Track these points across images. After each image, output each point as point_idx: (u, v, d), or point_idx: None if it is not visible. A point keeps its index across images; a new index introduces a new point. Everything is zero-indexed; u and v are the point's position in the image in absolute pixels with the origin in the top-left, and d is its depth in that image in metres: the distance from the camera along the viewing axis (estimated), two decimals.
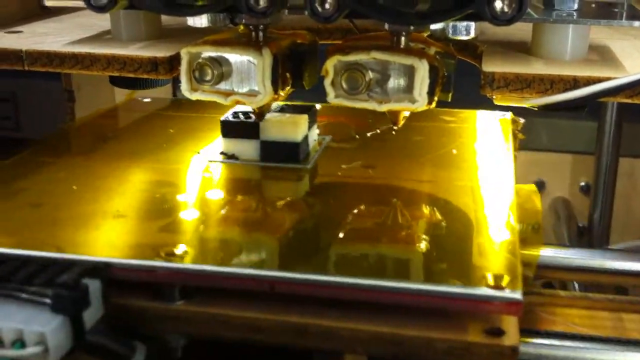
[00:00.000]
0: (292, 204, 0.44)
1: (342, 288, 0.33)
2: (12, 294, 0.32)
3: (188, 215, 0.42)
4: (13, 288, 0.32)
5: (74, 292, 0.31)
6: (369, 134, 0.54)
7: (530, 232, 0.46)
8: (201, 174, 0.48)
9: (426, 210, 0.42)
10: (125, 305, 0.34)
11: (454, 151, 0.51)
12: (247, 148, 0.48)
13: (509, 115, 0.57)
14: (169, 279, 0.35)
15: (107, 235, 0.39)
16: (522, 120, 0.55)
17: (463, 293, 0.33)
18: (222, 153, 0.49)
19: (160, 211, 0.42)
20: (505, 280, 0.33)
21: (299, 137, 0.48)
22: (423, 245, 0.38)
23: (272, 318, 0.34)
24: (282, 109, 0.49)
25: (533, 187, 0.49)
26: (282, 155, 0.48)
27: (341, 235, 0.39)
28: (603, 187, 0.76)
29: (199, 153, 0.50)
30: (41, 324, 0.30)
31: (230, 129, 0.48)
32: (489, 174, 0.47)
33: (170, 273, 0.35)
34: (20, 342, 0.30)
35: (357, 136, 0.53)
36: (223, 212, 0.42)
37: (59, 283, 0.32)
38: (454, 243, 0.39)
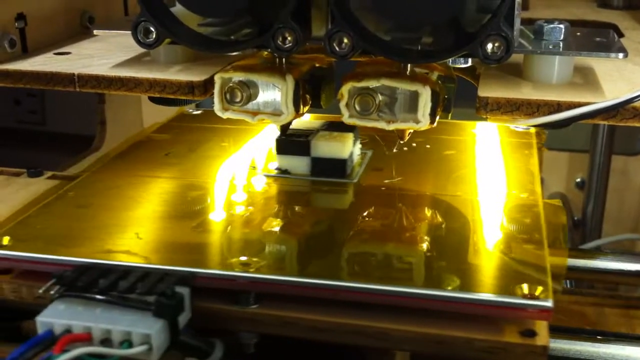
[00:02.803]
0: (344, 216, 0.49)
1: (395, 296, 0.39)
2: (118, 301, 0.37)
3: (252, 227, 0.47)
4: (117, 296, 0.38)
5: (173, 300, 0.37)
6: (405, 148, 0.59)
7: (558, 244, 0.49)
8: (258, 188, 0.53)
9: (462, 223, 0.48)
10: (208, 309, 0.40)
11: (483, 166, 0.56)
12: (299, 164, 0.54)
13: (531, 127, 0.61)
14: (246, 287, 0.40)
15: (186, 246, 0.45)
16: (545, 132, 0.60)
17: (504, 302, 0.39)
18: (276, 168, 0.55)
19: (230, 224, 0.48)
20: (538, 290, 0.39)
21: (345, 154, 0.53)
22: (465, 257, 0.43)
23: (333, 320, 0.39)
24: (329, 127, 0.55)
25: (558, 201, 0.53)
26: (331, 170, 0.53)
27: (388, 245, 0.45)
28: (596, 183, 0.82)
29: (254, 168, 0.56)
30: (147, 327, 0.36)
31: (284, 147, 0.54)
32: (519, 190, 0.52)
33: (247, 282, 0.40)
34: (127, 343, 0.36)
35: (395, 150, 0.58)
36: (284, 223, 0.48)
37: (158, 292, 0.37)
38: (495, 257, 0.44)
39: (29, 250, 0.43)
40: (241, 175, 0.55)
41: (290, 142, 0.54)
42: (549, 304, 0.38)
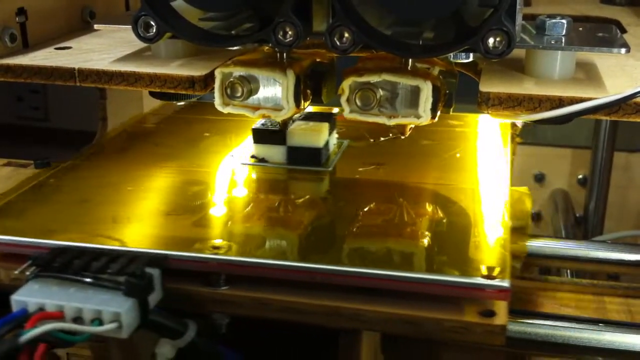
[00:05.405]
0: (317, 203, 0.50)
1: (364, 277, 0.40)
2: (90, 281, 0.38)
3: (227, 213, 0.48)
4: (90, 276, 0.38)
5: (143, 280, 0.38)
6: (382, 139, 0.59)
7: (520, 230, 0.51)
8: (235, 175, 0.54)
9: (430, 209, 0.48)
10: (179, 290, 0.41)
11: (458, 155, 0.57)
12: (275, 153, 0.55)
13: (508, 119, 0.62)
14: (217, 269, 0.41)
15: (160, 231, 0.46)
16: (519, 125, 0.60)
17: (462, 282, 0.39)
18: (252, 157, 0.55)
19: (205, 209, 0.48)
20: (496, 271, 0.40)
21: (321, 143, 0.54)
22: (428, 241, 0.44)
23: (304, 301, 0.40)
24: (305, 117, 0.55)
25: (525, 189, 0.55)
26: (306, 159, 0.54)
27: (358, 230, 0.45)
28: (598, 180, 0.82)
29: (232, 156, 0.57)
30: (117, 306, 0.37)
31: (261, 136, 0.55)
32: (487, 176, 0.53)
33: (218, 264, 0.41)
34: (98, 321, 0.37)
35: (371, 140, 0.59)
36: (258, 209, 0.48)
37: (128, 272, 0.38)
38: (454, 239, 0.45)
39: (7, 234, 0.44)
40: (219, 163, 0.56)
41: (267, 132, 0.55)
42: (506, 284, 0.39)
